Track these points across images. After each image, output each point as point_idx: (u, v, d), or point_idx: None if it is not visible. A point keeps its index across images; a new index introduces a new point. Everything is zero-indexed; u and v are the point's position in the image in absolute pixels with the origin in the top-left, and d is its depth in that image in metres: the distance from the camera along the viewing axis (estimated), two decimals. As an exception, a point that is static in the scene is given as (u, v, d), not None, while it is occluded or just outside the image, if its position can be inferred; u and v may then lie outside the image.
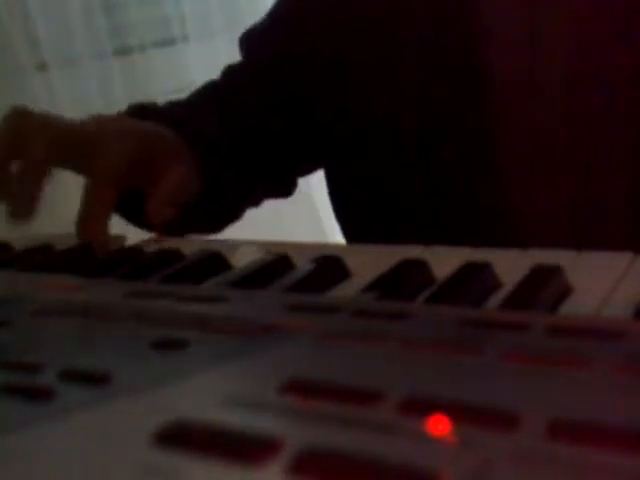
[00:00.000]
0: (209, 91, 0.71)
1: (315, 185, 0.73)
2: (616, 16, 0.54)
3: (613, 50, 0.54)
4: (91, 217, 0.54)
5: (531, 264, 0.37)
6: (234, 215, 0.72)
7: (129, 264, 0.49)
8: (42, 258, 0.53)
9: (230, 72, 0.72)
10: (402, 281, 0.38)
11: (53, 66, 1.73)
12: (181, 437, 0.21)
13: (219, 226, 0.71)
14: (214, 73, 0.73)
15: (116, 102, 1.70)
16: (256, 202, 0.73)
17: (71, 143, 0.57)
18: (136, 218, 0.66)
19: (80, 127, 0.58)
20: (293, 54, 0.67)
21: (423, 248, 0.42)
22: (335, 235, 1.82)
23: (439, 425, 0.20)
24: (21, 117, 0.56)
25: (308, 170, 0.74)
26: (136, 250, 0.52)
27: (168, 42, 1.79)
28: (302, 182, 0.76)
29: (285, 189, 0.74)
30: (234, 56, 0.74)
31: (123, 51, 1.78)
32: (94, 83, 1.73)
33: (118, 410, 0.24)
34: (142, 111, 0.66)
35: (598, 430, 0.19)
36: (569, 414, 0.20)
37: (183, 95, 0.73)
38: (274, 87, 0.68)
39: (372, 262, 0.41)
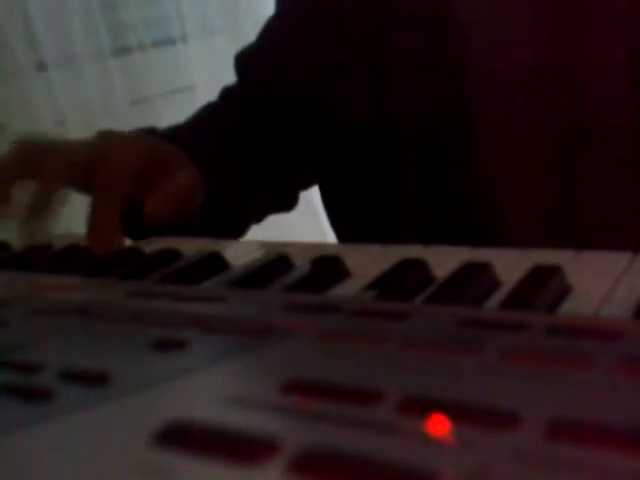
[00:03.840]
0: (207, 112, 0.73)
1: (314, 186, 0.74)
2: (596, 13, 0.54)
3: (595, 48, 0.54)
4: (105, 230, 0.54)
5: (531, 264, 0.37)
6: (237, 232, 0.72)
7: (129, 264, 0.49)
8: (42, 258, 0.53)
9: (226, 93, 0.73)
10: (402, 281, 0.38)
11: (52, 66, 1.73)
12: (181, 437, 0.21)
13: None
14: (213, 73, 0.74)
15: (116, 102, 1.70)
16: (259, 218, 0.74)
17: (80, 166, 0.57)
18: (132, 230, 0.66)
19: (86, 148, 0.58)
20: (283, 69, 0.68)
21: (423, 248, 0.42)
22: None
23: (439, 425, 0.20)
24: (28, 146, 0.57)
25: (308, 183, 0.74)
26: (136, 250, 0.52)
27: (167, 42, 1.79)
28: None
29: (287, 203, 0.75)
30: (233, 56, 0.74)
31: (122, 51, 1.77)
32: (93, 83, 1.72)
33: (118, 410, 0.24)
34: (145, 133, 0.67)
35: (598, 430, 0.19)
36: (569, 414, 0.20)
37: (183, 95, 0.73)
38: (267, 105, 0.69)
39: (372, 262, 0.41)
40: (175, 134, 0.67)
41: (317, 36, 0.65)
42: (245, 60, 0.73)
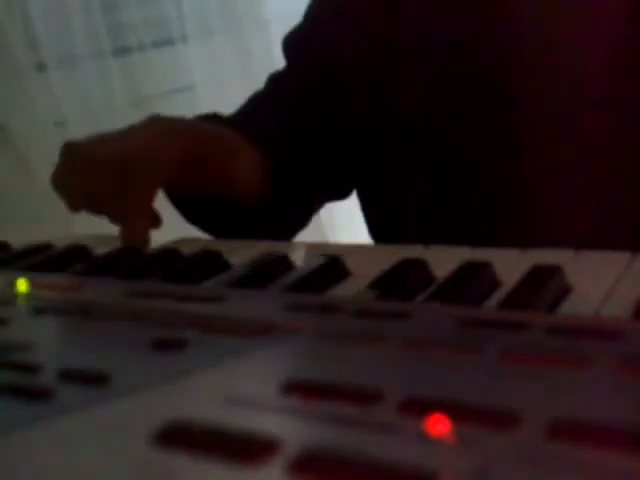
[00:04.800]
0: (257, 101, 0.72)
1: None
2: None
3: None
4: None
5: (531, 264, 0.37)
6: (305, 218, 0.72)
7: (129, 264, 0.49)
8: (42, 258, 0.53)
9: (274, 80, 0.73)
10: (402, 281, 0.38)
11: (52, 66, 1.73)
12: (181, 437, 0.21)
13: (290, 231, 0.71)
14: (213, 73, 0.74)
15: (115, 102, 1.70)
16: (320, 205, 0.73)
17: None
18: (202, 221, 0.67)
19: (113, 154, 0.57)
20: (332, 59, 0.67)
21: (423, 248, 0.42)
22: (335, 235, 1.81)
23: (439, 425, 0.20)
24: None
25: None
26: (135, 250, 0.52)
27: (167, 42, 1.79)
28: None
29: (343, 190, 0.74)
30: (233, 56, 0.74)
31: (122, 51, 1.77)
32: (93, 83, 1.72)
33: (118, 410, 0.24)
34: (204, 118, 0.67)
35: (598, 430, 0.19)
36: (569, 414, 0.20)
37: (182, 95, 0.73)
38: (317, 93, 0.68)
39: (372, 262, 0.41)
40: (236, 119, 0.68)
41: (363, 32, 0.64)
42: (292, 46, 0.72)
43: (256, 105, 0.71)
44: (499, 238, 0.42)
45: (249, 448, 0.20)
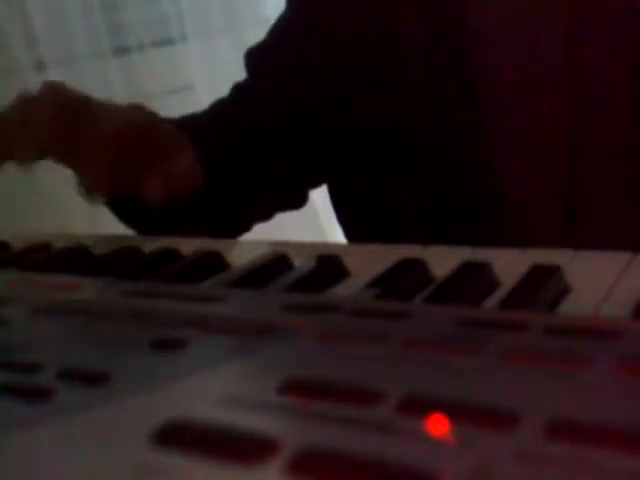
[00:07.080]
0: (216, 107, 0.73)
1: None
2: (610, 16, 0.55)
3: (608, 48, 0.55)
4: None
5: (530, 264, 0.37)
6: (237, 226, 0.72)
7: (128, 263, 0.49)
8: (41, 257, 0.53)
9: (236, 89, 0.73)
10: (401, 280, 0.38)
11: (52, 66, 1.73)
12: (180, 437, 0.21)
13: (222, 234, 0.71)
14: (213, 72, 0.74)
15: (115, 101, 1.70)
16: (266, 215, 0.74)
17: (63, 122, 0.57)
18: (132, 220, 0.66)
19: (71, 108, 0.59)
20: (295, 70, 0.68)
21: (422, 248, 0.42)
22: (334, 235, 1.81)
23: (439, 425, 0.20)
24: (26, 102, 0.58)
25: (317, 182, 0.74)
26: (135, 250, 0.52)
27: (167, 41, 1.79)
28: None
29: (295, 201, 0.75)
30: (232, 55, 0.74)
31: (122, 50, 1.77)
32: (93, 83, 1.72)
33: (117, 410, 0.24)
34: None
35: (598, 430, 0.19)
36: (569, 414, 0.20)
37: (182, 95, 0.73)
38: (278, 103, 0.69)
39: (371, 262, 0.41)
40: (180, 119, 0.68)
41: (327, 44, 0.65)
42: (255, 58, 0.72)
43: (213, 111, 0.72)
44: (487, 243, 0.42)
45: (248, 448, 0.20)
